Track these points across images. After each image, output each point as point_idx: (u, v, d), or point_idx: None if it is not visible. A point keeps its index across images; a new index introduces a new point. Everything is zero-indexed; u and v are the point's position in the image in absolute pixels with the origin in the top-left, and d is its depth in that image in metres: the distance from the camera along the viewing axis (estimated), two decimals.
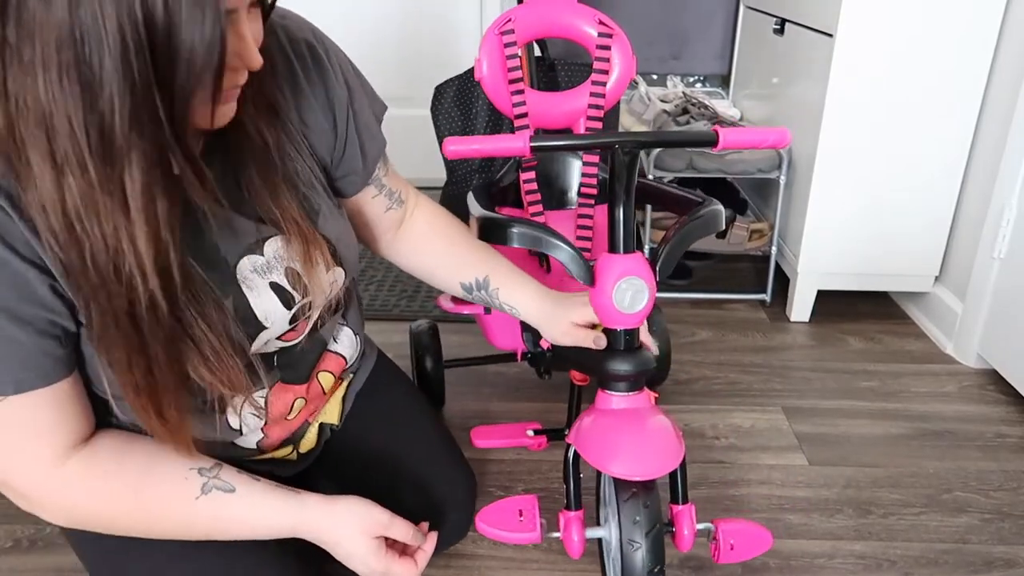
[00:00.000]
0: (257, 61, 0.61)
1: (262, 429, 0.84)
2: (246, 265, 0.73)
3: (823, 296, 1.71)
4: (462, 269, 0.96)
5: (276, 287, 0.75)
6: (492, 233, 0.80)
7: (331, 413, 0.96)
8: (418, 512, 0.86)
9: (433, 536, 0.86)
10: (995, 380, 1.47)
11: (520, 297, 0.94)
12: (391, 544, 0.81)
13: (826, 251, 1.64)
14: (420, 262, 0.98)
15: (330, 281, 0.80)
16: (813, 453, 1.27)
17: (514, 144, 0.73)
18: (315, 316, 0.83)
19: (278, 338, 0.79)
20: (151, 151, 0.55)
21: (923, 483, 1.20)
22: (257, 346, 0.76)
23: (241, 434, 0.82)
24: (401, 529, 0.81)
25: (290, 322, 0.78)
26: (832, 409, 1.40)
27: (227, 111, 0.65)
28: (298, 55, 0.76)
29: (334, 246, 0.80)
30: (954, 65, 1.47)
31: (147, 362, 0.62)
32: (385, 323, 1.66)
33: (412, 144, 1.63)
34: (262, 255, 0.74)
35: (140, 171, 0.55)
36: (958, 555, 1.06)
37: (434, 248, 0.98)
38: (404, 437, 1.00)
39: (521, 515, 0.85)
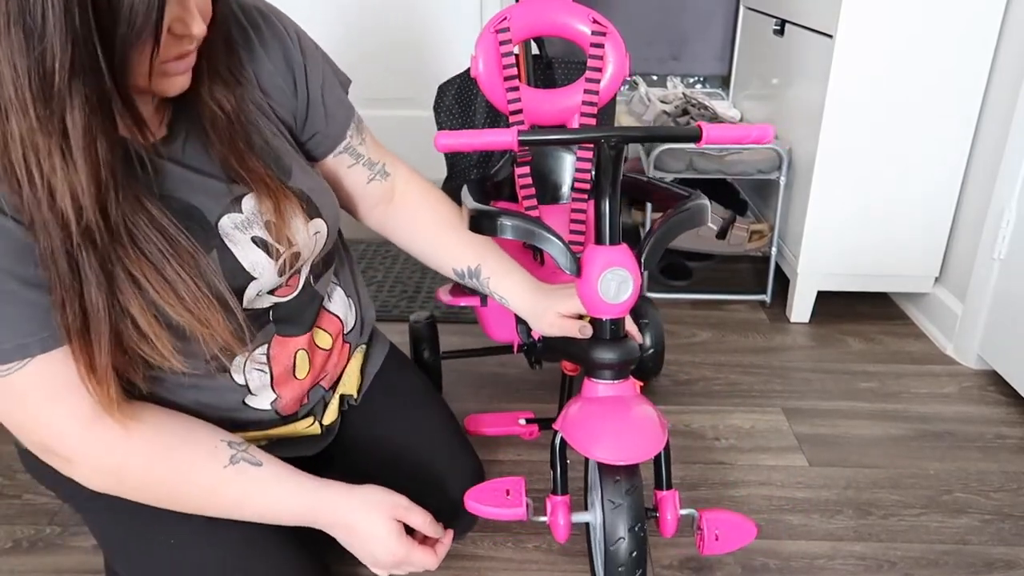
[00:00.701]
0: (200, 28, 0.63)
1: (273, 388, 0.85)
2: (227, 223, 0.75)
3: (823, 297, 1.70)
4: (456, 253, 0.96)
5: (258, 241, 0.77)
6: (482, 224, 0.80)
7: (350, 384, 0.97)
8: (431, 505, 0.87)
9: (450, 532, 0.87)
10: (995, 381, 1.46)
11: (509, 288, 0.94)
12: (409, 534, 0.82)
13: (826, 252, 1.64)
14: (412, 240, 0.99)
15: (312, 233, 0.81)
16: (813, 454, 1.27)
17: (503, 138, 0.74)
18: (305, 271, 0.84)
19: (271, 293, 0.81)
20: (92, 97, 0.58)
21: (923, 484, 1.19)
22: (249, 298, 0.77)
23: (250, 392, 0.83)
24: (419, 516, 0.82)
25: (280, 274, 0.79)
26: (832, 410, 1.39)
27: (181, 82, 0.67)
28: (251, 22, 0.78)
29: (308, 197, 0.81)
30: (954, 65, 1.46)
31: (82, 302, 0.63)
32: (385, 323, 1.66)
33: (412, 144, 1.63)
34: (241, 212, 0.76)
35: (81, 114, 0.58)
36: (958, 556, 1.05)
37: (427, 227, 0.98)
38: (416, 425, 1.01)
39: (508, 494, 0.86)
